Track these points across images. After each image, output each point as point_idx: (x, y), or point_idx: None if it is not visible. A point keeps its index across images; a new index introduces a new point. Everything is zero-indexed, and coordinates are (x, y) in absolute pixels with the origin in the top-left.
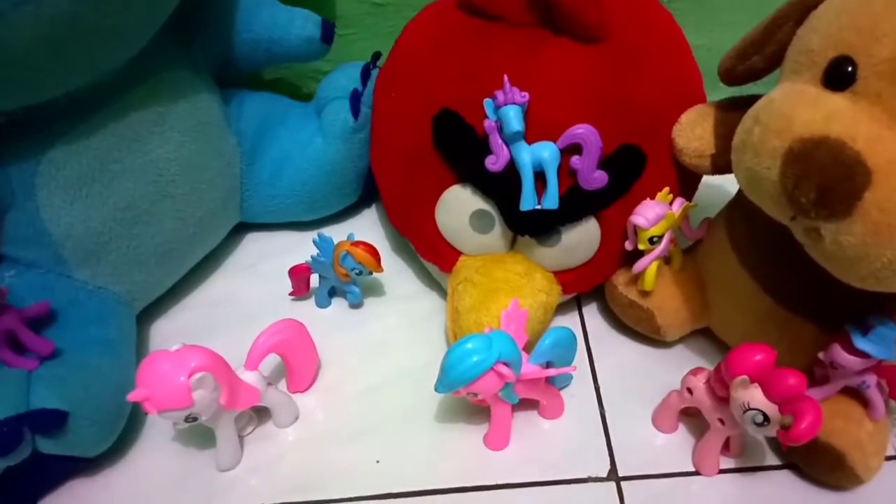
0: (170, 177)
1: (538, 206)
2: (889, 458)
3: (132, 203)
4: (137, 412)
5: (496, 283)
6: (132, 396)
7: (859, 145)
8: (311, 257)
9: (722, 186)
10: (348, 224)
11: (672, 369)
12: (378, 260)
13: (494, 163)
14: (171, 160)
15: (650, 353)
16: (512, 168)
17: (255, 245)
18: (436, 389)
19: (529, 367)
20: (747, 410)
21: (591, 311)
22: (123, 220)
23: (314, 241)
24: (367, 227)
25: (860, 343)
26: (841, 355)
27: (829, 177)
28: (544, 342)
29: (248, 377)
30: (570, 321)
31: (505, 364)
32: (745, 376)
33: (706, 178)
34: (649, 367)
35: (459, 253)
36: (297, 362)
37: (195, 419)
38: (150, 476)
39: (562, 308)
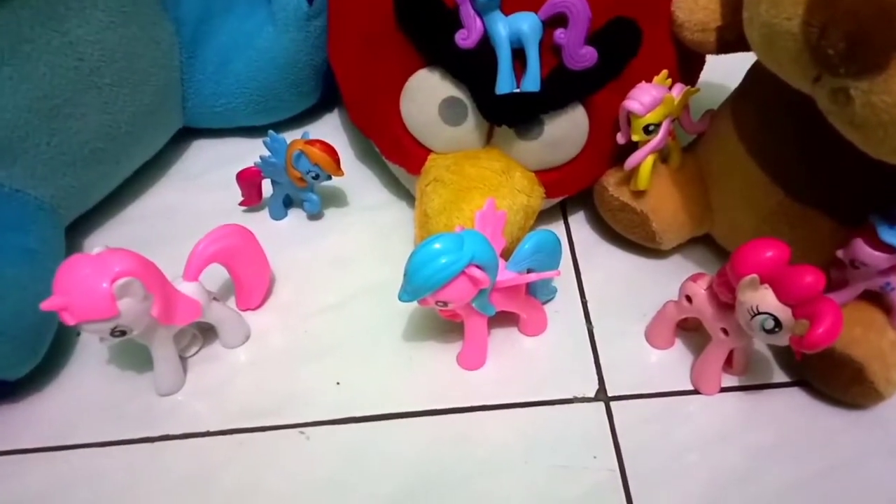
0: (93, 63)
1: (517, 90)
2: None
3: (50, 92)
4: (67, 331)
5: (470, 181)
6: (47, 304)
7: None
8: (261, 158)
9: (724, 85)
10: (307, 130)
11: (668, 282)
12: (336, 161)
13: (466, 38)
14: (94, 43)
15: (643, 265)
16: (486, 44)
17: (202, 153)
18: (399, 298)
19: (507, 275)
20: (756, 315)
21: (578, 221)
22: (40, 112)
23: (265, 142)
24: (329, 132)
25: (887, 235)
26: (864, 251)
27: (861, 23)
28: (524, 246)
29: (187, 289)
30: (554, 231)
31: (478, 267)
32: (754, 275)
33: (708, 74)
34: (642, 280)
35: (428, 151)
36: (245, 275)
37: (123, 333)
38: (81, 402)
39: (545, 216)
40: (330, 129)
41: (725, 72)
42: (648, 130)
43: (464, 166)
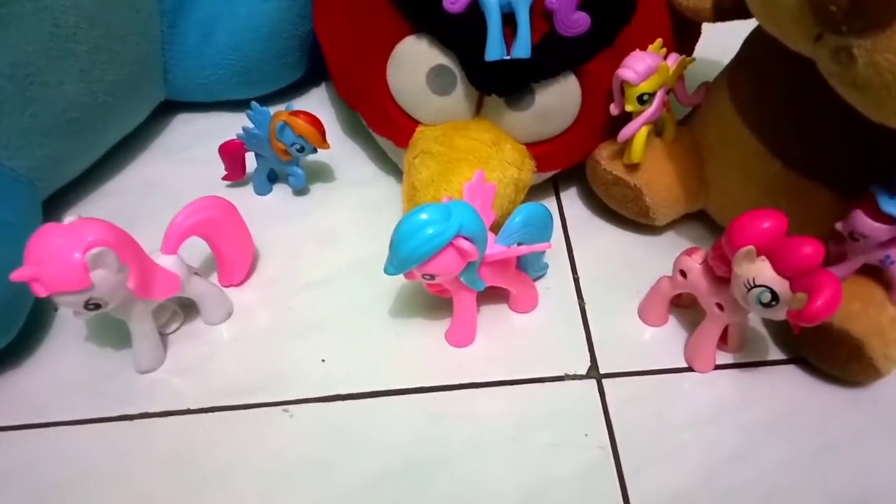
0: (69, 29)
1: (507, 56)
2: None
3: (24, 59)
4: (44, 306)
5: (459, 153)
6: (16, 275)
7: None
8: (244, 130)
9: (720, 60)
10: (293, 104)
11: (661, 258)
12: (322, 132)
13: (454, 2)
14: (70, 9)
15: (636, 241)
16: (475, 9)
17: (185, 127)
18: (385, 271)
19: (497, 248)
20: (752, 288)
21: (571, 197)
22: (15, 79)
23: (248, 114)
24: (316, 106)
25: (888, 205)
26: (864, 222)
27: None
28: (514, 219)
29: (166, 262)
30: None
31: (466, 239)
32: (751, 247)
33: (704, 48)
34: (635, 257)
35: (416, 123)
36: (226, 249)
37: (98, 306)
38: (59, 378)
39: (536, 192)
40: (316, 103)
41: (722, 46)
42: (643, 100)
43: (453, 138)
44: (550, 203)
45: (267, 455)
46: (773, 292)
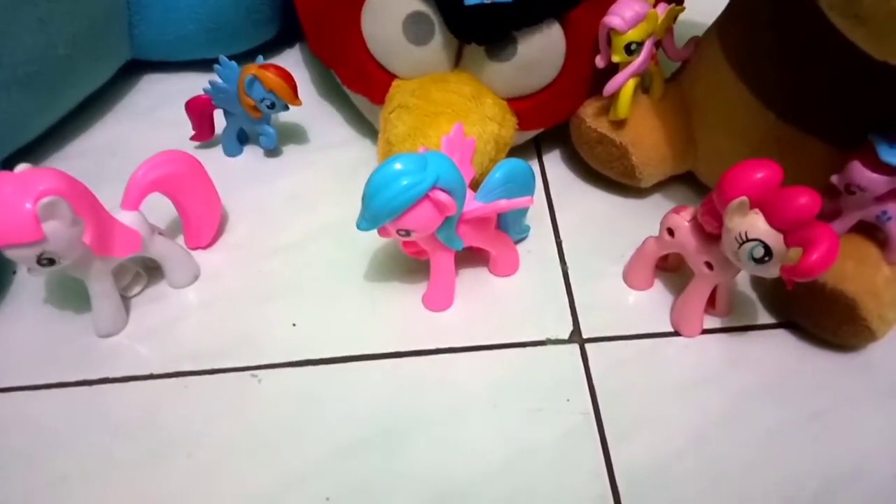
0: None
1: (487, 1)
2: None
3: None
4: (1, 268)
5: (436, 106)
6: None
7: None
8: (211, 84)
9: (708, 19)
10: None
11: (646, 222)
12: (293, 87)
13: None
14: None
15: (621, 205)
16: None
17: (153, 88)
18: (357, 226)
19: (476, 205)
20: (745, 243)
21: (554, 159)
22: None
23: (216, 68)
24: (289, 67)
25: (887, 154)
26: (861, 174)
27: None
28: (494, 175)
29: (126, 218)
30: None
31: (443, 191)
32: (743, 198)
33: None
34: (620, 220)
35: (393, 77)
36: (192, 208)
37: (52, 262)
38: (16, 343)
39: (518, 154)
40: (290, 64)
41: (712, 2)
42: (630, 50)
43: (430, 91)
44: (533, 165)
45: (234, 422)
46: (766, 247)
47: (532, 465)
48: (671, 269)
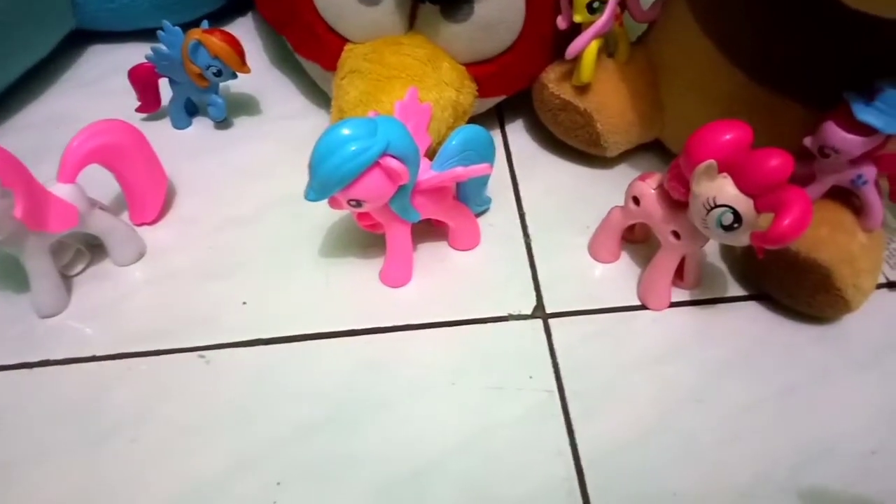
0: None
1: None
2: (879, 286)
3: None
4: None
5: (390, 70)
6: None
7: None
8: (153, 50)
9: None
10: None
11: (612, 192)
12: (240, 53)
13: None
14: None
15: (587, 175)
16: None
17: (98, 59)
18: (306, 197)
19: (431, 173)
20: (713, 209)
21: (517, 129)
22: None
23: (159, 34)
24: (241, 35)
25: (862, 113)
26: (836, 134)
27: None
28: (451, 142)
29: (61, 191)
30: None
31: (395, 158)
32: (711, 161)
33: None
34: (585, 191)
35: (344, 41)
36: (134, 181)
37: None
38: None
39: (479, 123)
40: (242, 32)
41: None
42: (593, 9)
43: (383, 54)
44: (495, 136)
45: (180, 404)
46: (735, 213)
47: (492, 445)
48: (638, 241)
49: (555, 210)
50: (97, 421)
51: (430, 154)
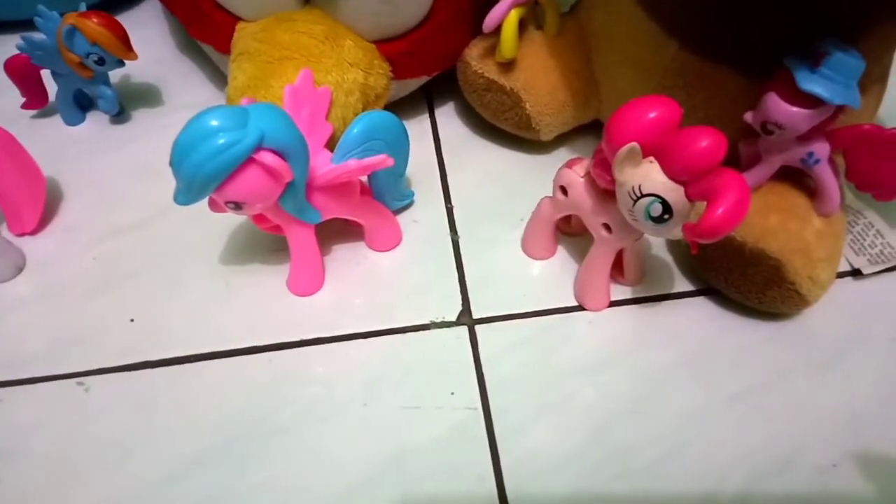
0: None
1: None
2: (843, 275)
3: None
4: None
5: (282, 50)
6: None
7: None
8: (24, 39)
9: None
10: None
11: (550, 181)
12: (122, 37)
13: None
14: None
15: (521, 162)
16: None
17: None
18: (175, 200)
19: (328, 167)
20: (640, 199)
21: (447, 114)
22: None
23: (35, 20)
24: (147, 22)
25: (806, 82)
26: (778, 107)
27: None
28: (352, 131)
29: None
30: (417, 128)
31: (273, 153)
32: (634, 144)
33: None
34: (520, 180)
35: (237, 19)
36: (6, 185)
37: None
38: None
39: (405, 109)
40: (148, 17)
41: None
42: None
43: (275, 32)
44: (423, 121)
45: (53, 438)
46: (664, 203)
47: (406, 473)
48: (576, 233)
49: (486, 202)
50: None
51: (333, 143)
